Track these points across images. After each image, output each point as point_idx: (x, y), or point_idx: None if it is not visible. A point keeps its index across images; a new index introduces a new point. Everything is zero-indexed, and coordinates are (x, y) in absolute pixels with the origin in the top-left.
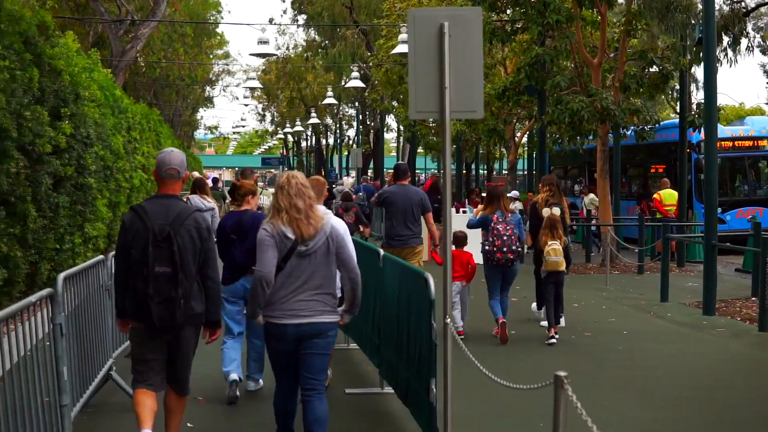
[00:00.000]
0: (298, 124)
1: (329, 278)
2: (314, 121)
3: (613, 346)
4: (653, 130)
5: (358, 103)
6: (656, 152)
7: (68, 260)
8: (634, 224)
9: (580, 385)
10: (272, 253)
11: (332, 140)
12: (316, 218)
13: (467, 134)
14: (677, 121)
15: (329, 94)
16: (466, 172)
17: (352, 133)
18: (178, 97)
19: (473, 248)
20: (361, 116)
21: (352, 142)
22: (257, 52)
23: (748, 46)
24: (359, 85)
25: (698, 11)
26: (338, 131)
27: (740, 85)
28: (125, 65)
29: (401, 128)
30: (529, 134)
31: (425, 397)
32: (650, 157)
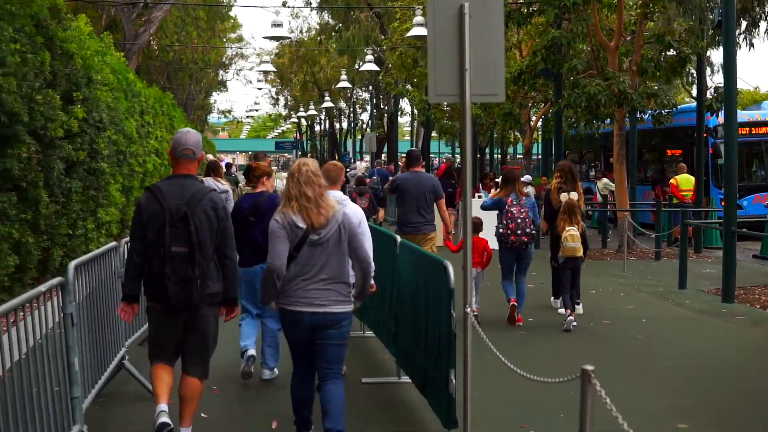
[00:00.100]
0: (311, 108)
1: (343, 267)
2: (328, 105)
3: (632, 333)
4: (670, 114)
5: (371, 86)
6: (673, 137)
7: (81, 246)
8: (651, 209)
9: (598, 373)
10: (283, 244)
11: (346, 124)
12: (326, 207)
13: (482, 118)
14: (694, 105)
15: (343, 77)
16: (480, 156)
17: (365, 117)
18: (191, 80)
19: (488, 234)
20: (374, 100)
21: (365, 126)
22: (271, 35)
23: (767, 29)
24: (373, 68)
25: None
26: (352, 115)
27: (755, 69)
28: (138, 49)
29: (415, 112)
30: (544, 118)
31: (444, 388)
32: (666, 141)
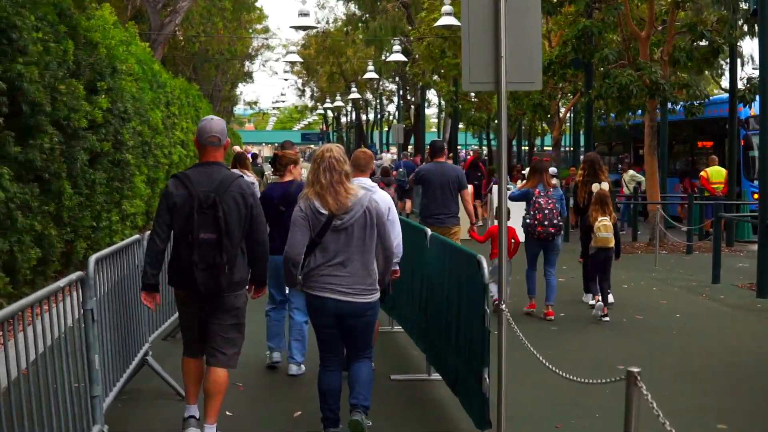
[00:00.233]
0: (338, 99)
1: (368, 253)
2: (354, 96)
3: (666, 329)
4: (702, 105)
5: (398, 77)
6: (704, 128)
7: (105, 238)
8: (683, 202)
9: None
10: (300, 233)
11: (372, 116)
12: (348, 192)
13: (511, 109)
14: (726, 96)
15: (370, 68)
16: (508, 147)
17: (392, 108)
18: (217, 71)
19: (515, 224)
20: (401, 91)
21: (392, 117)
22: (297, 24)
23: None
24: (400, 59)
25: None
26: (378, 107)
27: None
28: (164, 39)
29: (442, 103)
30: (573, 110)
31: (477, 387)
32: (697, 133)
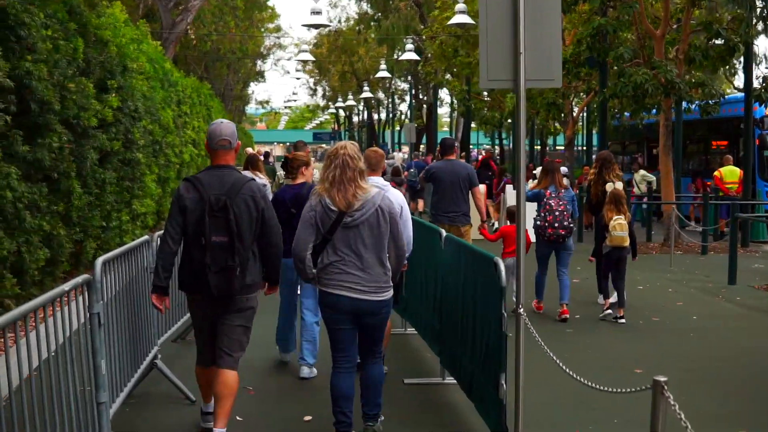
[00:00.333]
0: (350, 98)
1: (381, 251)
2: (366, 95)
3: (683, 331)
4: (718, 104)
5: (410, 76)
6: (718, 128)
7: (115, 238)
8: (698, 203)
9: (649, 373)
10: (306, 230)
11: (384, 115)
12: (360, 189)
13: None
14: (740, 95)
15: (382, 67)
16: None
17: (404, 107)
18: (229, 71)
19: (527, 224)
20: (413, 90)
21: (404, 116)
22: (310, 23)
23: None
24: (413, 57)
25: None
26: (390, 106)
27: None
28: (175, 38)
29: (455, 102)
30: (586, 108)
31: (493, 392)
32: (711, 132)
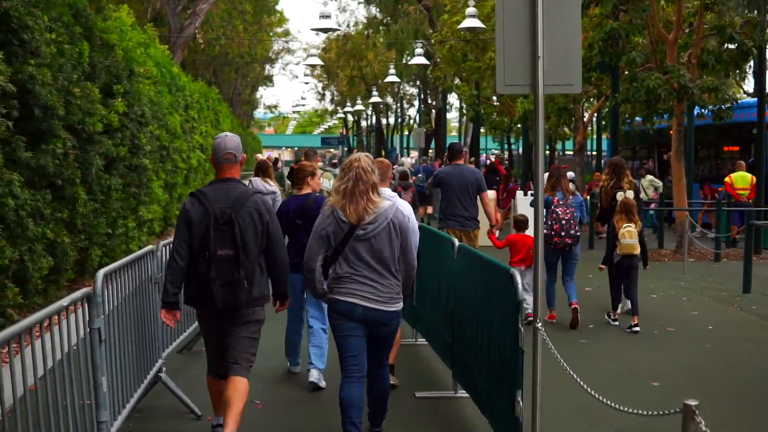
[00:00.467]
0: (358, 103)
1: (393, 264)
2: (375, 100)
3: (699, 342)
4: (731, 109)
5: (419, 81)
6: (730, 133)
7: (121, 245)
8: (711, 209)
9: (666, 387)
10: (319, 243)
11: (393, 120)
12: (373, 202)
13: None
14: (753, 100)
15: (390, 72)
16: (530, 153)
17: (412, 112)
18: (237, 75)
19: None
20: (422, 95)
21: (412, 121)
22: (319, 27)
23: None
24: (422, 62)
25: None
26: (399, 110)
27: None
28: (183, 42)
29: (464, 107)
30: (597, 113)
31: (509, 409)
32: (722, 138)
